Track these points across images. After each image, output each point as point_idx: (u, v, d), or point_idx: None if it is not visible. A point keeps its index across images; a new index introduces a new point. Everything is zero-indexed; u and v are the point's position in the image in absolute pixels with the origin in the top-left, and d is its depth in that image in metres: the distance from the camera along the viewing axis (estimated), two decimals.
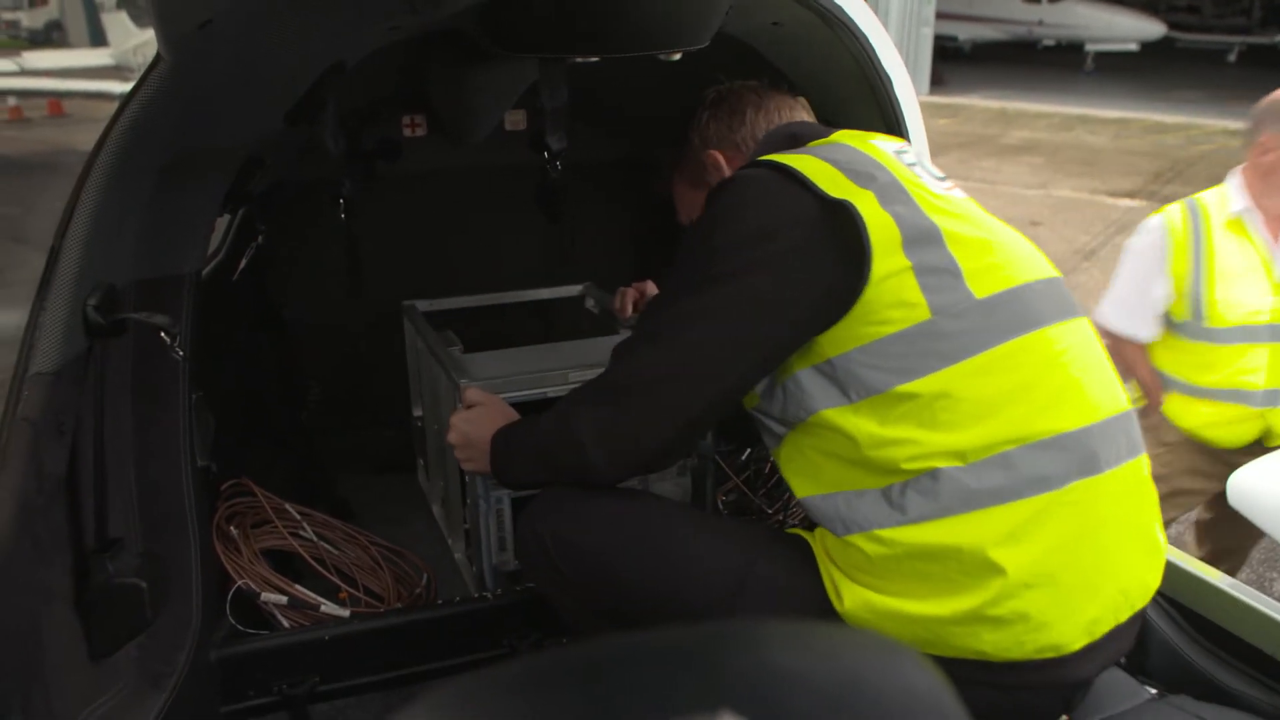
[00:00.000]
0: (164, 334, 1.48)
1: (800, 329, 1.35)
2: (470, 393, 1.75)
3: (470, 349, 2.10)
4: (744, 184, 1.43)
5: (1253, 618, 1.53)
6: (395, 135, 2.52)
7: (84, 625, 1.40)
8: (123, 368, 1.51)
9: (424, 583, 1.99)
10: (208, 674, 1.65)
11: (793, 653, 0.51)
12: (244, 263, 2.28)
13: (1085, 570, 1.29)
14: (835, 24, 1.82)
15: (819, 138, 1.55)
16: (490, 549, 1.91)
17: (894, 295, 1.31)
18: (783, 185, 1.38)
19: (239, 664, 1.69)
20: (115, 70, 12.98)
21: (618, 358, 1.48)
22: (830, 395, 1.35)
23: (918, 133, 1.95)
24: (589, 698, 0.47)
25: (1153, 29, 19.06)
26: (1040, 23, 19.45)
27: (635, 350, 1.46)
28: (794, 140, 1.56)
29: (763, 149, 1.58)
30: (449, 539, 2.23)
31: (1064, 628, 1.28)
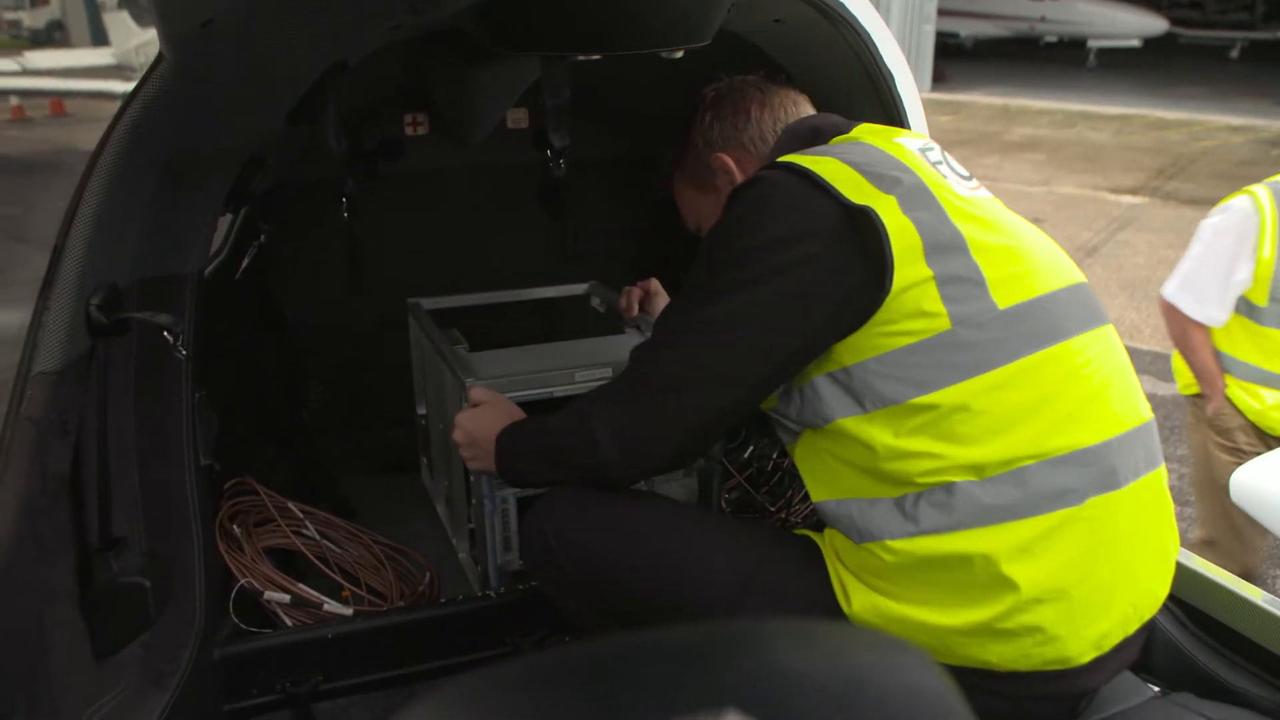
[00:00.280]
0: (167, 333, 1.48)
1: (819, 337, 1.33)
2: (476, 391, 1.75)
3: (475, 348, 2.10)
4: (764, 187, 1.40)
5: (1256, 615, 1.52)
6: (397, 134, 2.51)
7: (87, 624, 1.40)
8: (126, 367, 1.51)
9: (427, 581, 1.99)
10: (211, 672, 1.65)
11: (797, 651, 0.51)
12: (246, 262, 2.27)
13: (1099, 586, 1.27)
14: (837, 20, 1.82)
15: (840, 133, 1.52)
16: (495, 549, 1.90)
17: (914, 305, 1.28)
18: (804, 190, 1.36)
19: (242, 662, 1.69)
20: (117, 70, 13.01)
21: (637, 360, 1.47)
22: (845, 404, 1.33)
23: (920, 130, 1.94)
24: (593, 696, 0.47)
25: (1155, 25, 19.04)
26: (1042, 19, 19.42)
27: (655, 353, 1.45)
28: (815, 135, 1.53)
29: (781, 147, 1.55)
30: (453, 538, 2.23)
31: (1073, 642, 1.27)
